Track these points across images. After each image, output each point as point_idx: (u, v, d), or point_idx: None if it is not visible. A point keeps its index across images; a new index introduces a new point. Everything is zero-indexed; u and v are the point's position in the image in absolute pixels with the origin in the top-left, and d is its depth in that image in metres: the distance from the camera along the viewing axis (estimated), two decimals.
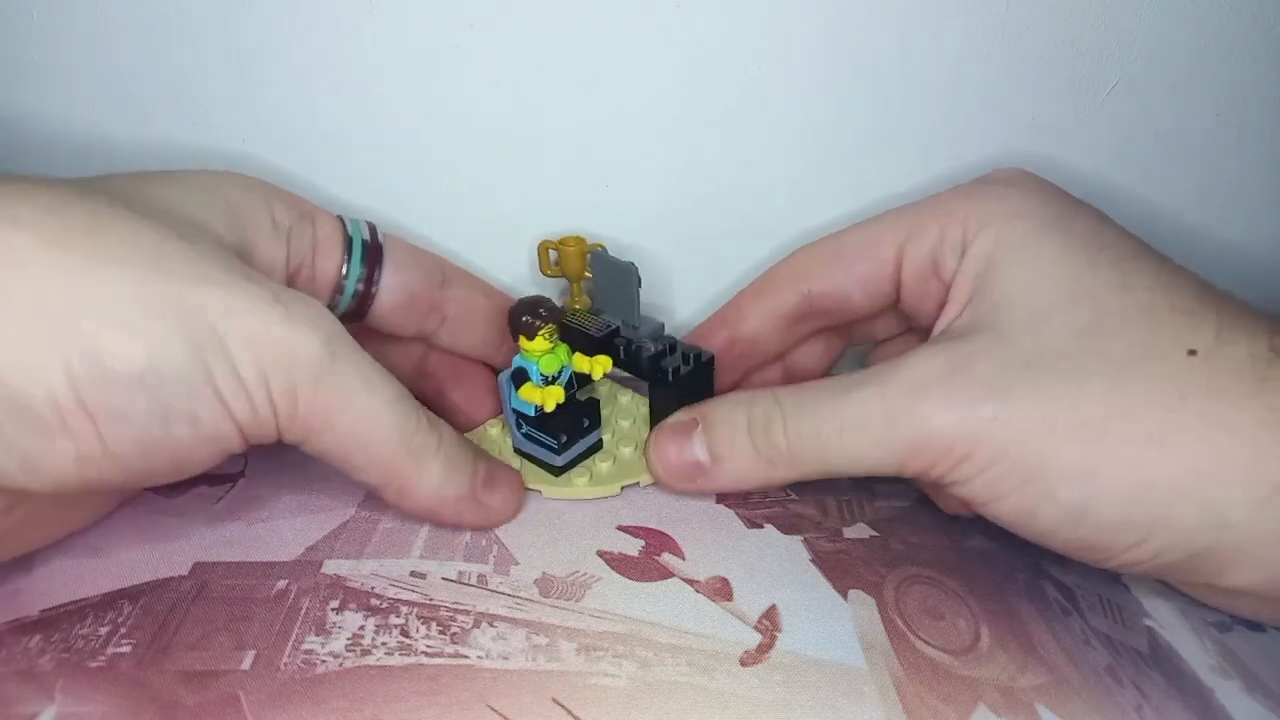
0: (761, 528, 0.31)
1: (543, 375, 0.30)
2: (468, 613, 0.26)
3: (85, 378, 0.21)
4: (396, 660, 0.24)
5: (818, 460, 0.28)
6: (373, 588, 0.27)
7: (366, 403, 0.25)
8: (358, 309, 0.31)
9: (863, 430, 0.27)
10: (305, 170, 0.34)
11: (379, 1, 0.31)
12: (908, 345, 0.34)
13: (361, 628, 0.25)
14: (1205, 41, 0.33)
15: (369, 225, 0.31)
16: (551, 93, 0.33)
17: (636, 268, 0.32)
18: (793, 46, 0.33)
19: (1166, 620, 0.28)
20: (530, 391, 0.30)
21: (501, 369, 0.32)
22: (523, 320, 0.29)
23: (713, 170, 0.35)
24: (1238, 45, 0.33)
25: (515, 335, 0.30)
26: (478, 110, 0.34)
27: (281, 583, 0.26)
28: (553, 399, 0.30)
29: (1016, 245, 0.28)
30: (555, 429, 0.31)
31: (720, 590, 0.28)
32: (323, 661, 0.24)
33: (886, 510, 0.32)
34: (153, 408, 0.22)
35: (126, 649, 0.24)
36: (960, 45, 0.33)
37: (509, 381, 0.31)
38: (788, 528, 0.31)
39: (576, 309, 0.34)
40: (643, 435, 0.34)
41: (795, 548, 0.30)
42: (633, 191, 0.36)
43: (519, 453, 0.33)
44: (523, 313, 0.29)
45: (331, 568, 0.27)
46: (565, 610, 0.26)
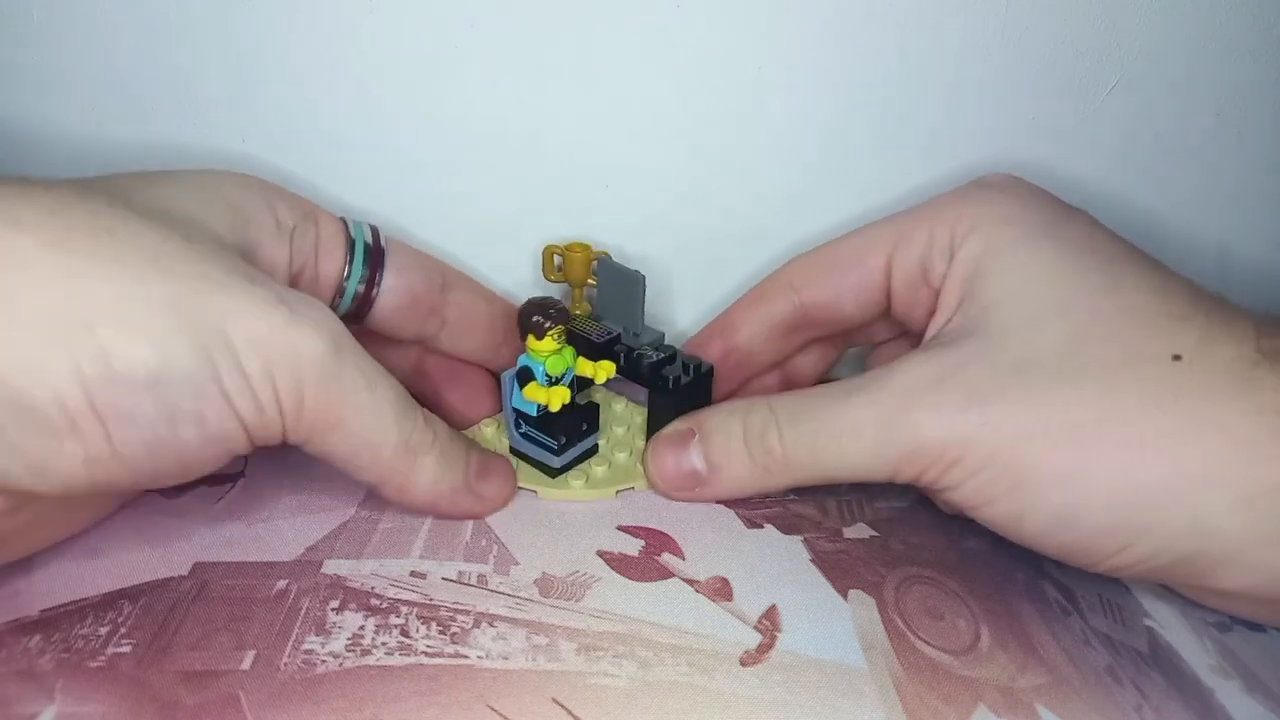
0: (761, 528, 0.31)
1: (548, 376, 0.30)
2: (468, 613, 0.26)
3: (95, 380, 0.21)
4: (396, 660, 0.24)
5: (812, 467, 0.29)
6: (373, 588, 0.27)
7: (369, 402, 0.25)
8: (357, 311, 0.31)
9: (856, 437, 0.27)
10: (305, 170, 0.34)
11: (379, 1, 0.31)
12: (905, 347, 0.34)
13: (361, 628, 0.25)
14: (1205, 41, 0.33)
15: (371, 228, 0.31)
16: (551, 93, 0.33)
17: (644, 277, 0.32)
18: (793, 47, 0.33)
19: (1166, 620, 0.28)
20: (535, 391, 0.30)
21: (498, 373, 0.32)
22: (533, 320, 0.29)
23: (713, 171, 0.35)
24: (1238, 45, 0.33)
25: (524, 334, 0.30)
26: (478, 110, 0.34)
27: (281, 583, 0.26)
28: (559, 399, 0.30)
29: (1005, 250, 0.28)
30: (556, 430, 0.31)
31: (720, 590, 0.28)
32: (323, 661, 0.24)
33: (886, 510, 0.32)
34: (160, 409, 0.22)
35: (126, 649, 0.24)
36: (960, 45, 0.33)
37: (512, 380, 0.31)
38: (788, 528, 0.31)
39: (578, 314, 0.34)
40: (637, 442, 0.34)
41: (795, 548, 0.30)
42: (633, 192, 0.36)
43: (515, 452, 0.33)
44: (533, 312, 0.29)
45: (331, 568, 0.27)
46: (565, 610, 0.26)
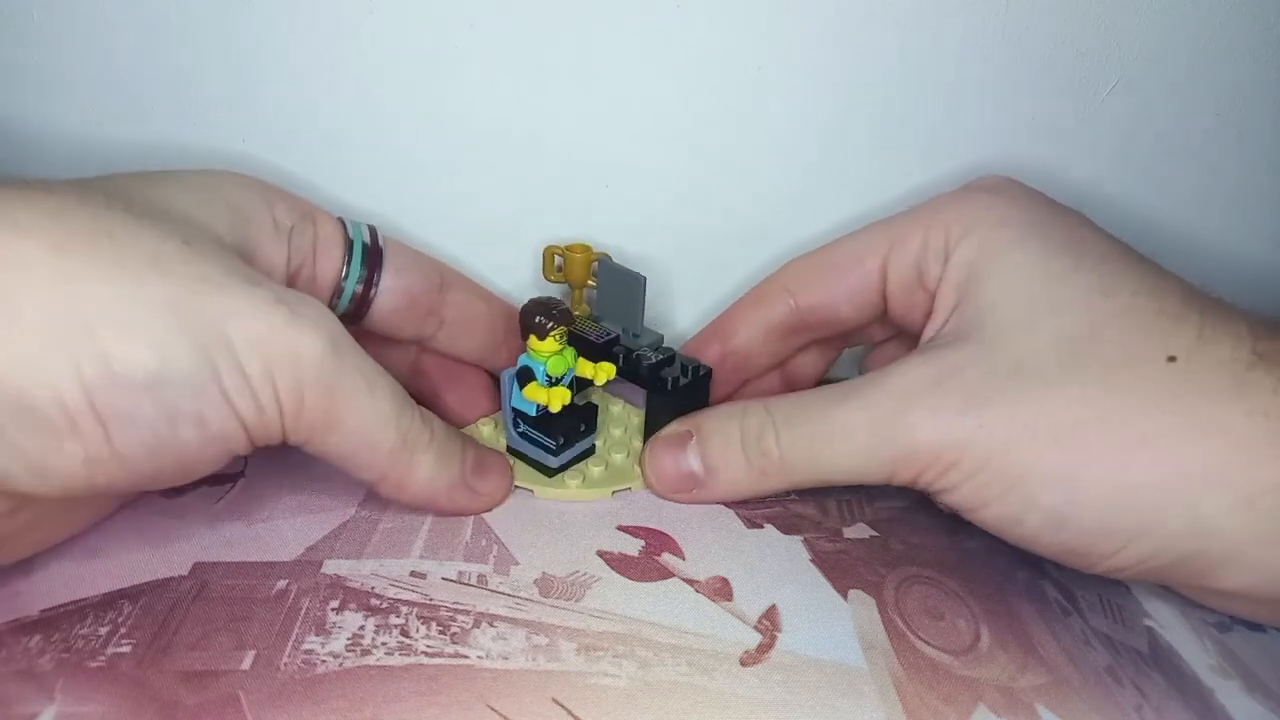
0: (761, 528, 0.31)
1: (549, 376, 0.30)
2: (468, 613, 0.26)
3: (95, 381, 0.21)
4: (396, 660, 0.24)
5: (809, 470, 0.29)
6: (373, 588, 0.27)
7: (368, 401, 0.25)
8: (355, 311, 0.31)
9: (852, 440, 0.27)
10: (305, 170, 0.34)
11: (379, 1, 0.31)
12: (904, 347, 0.34)
13: (361, 628, 0.25)
14: (1205, 41, 0.33)
15: (370, 228, 0.31)
16: (551, 93, 0.33)
17: (645, 278, 0.32)
18: (793, 46, 0.33)
19: (1166, 620, 0.28)
20: (536, 391, 0.30)
21: (496, 373, 0.32)
22: (535, 320, 0.29)
23: (713, 171, 0.35)
24: (1238, 45, 0.33)
25: (525, 334, 0.30)
26: (478, 110, 0.34)
27: (281, 583, 0.26)
28: (559, 400, 0.30)
29: (1000, 252, 0.28)
30: (554, 430, 0.31)
31: (720, 590, 0.28)
32: (323, 661, 0.24)
33: (886, 510, 0.32)
34: (160, 409, 0.22)
35: (126, 649, 0.24)
36: (960, 45, 0.33)
37: (512, 379, 0.31)
38: (788, 528, 0.31)
39: (577, 315, 0.34)
40: (634, 443, 0.34)
41: (795, 548, 0.30)
42: (633, 192, 0.36)
43: (512, 452, 0.33)
44: (536, 312, 0.29)
45: (331, 568, 0.27)
46: (565, 610, 0.26)
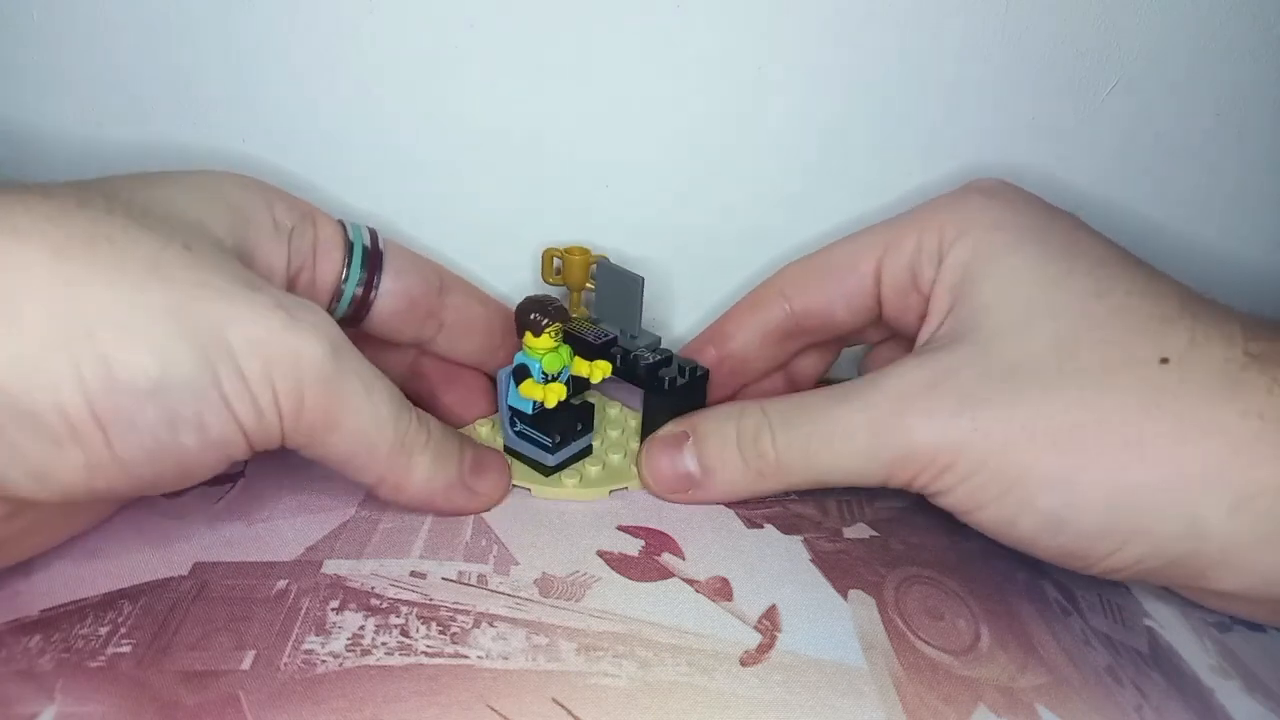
0: (761, 528, 0.31)
1: (544, 373, 0.30)
2: (468, 613, 0.26)
3: (95, 386, 0.21)
4: (396, 660, 0.24)
5: (805, 472, 0.29)
6: (373, 588, 0.27)
7: (366, 405, 0.25)
8: (355, 314, 0.31)
9: (849, 442, 0.28)
10: (305, 171, 0.34)
11: (379, 1, 0.31)
12: (902, 347, 0.34)
13: (361, 628, 0.25)
14: (1205, 41, 0.33)
15: (370, 231, 0.31)
16: (551, 93, 0.33)
17: (643, 279, 0.32)
18: (793, 47, 0.33)
19: (1166, 620, 0.28)
20: (532, 388, 0.30)
21: (493, 374, 0.32)
22: (531, 317, 0.29)
23: (713, 171, 0.35)
24: (1238, 45, 0.33)
25: (521, 331, 0.30)
26: (478, 110, 0.34)
27: (281, 583, 0.26)
28: (554, 395, 0.30)
29: (995, 255, 0.28)
30: (551, 428, 0.31)
31: (720, 590, 0.28)
32: (323, 661, 0.24)
33: (886, 510, 0.32)
34: (161, 414, 0.22)
35: (126, 649, 0.24)
36: (960, 45, 0.33)
37: (509, 377, 0.31)
38: (788, 528, 0.31)
39: (575, 317, 0.34)
40: (631, 444, 0.34)
41: (795, 548, 0.30)
42: (633, 192, 0.36)
43: (509, 451, 0.33)
44: (531, 309, 0.29)
45: (331, 568, 0.27)
46: (565, 610, 0.26)
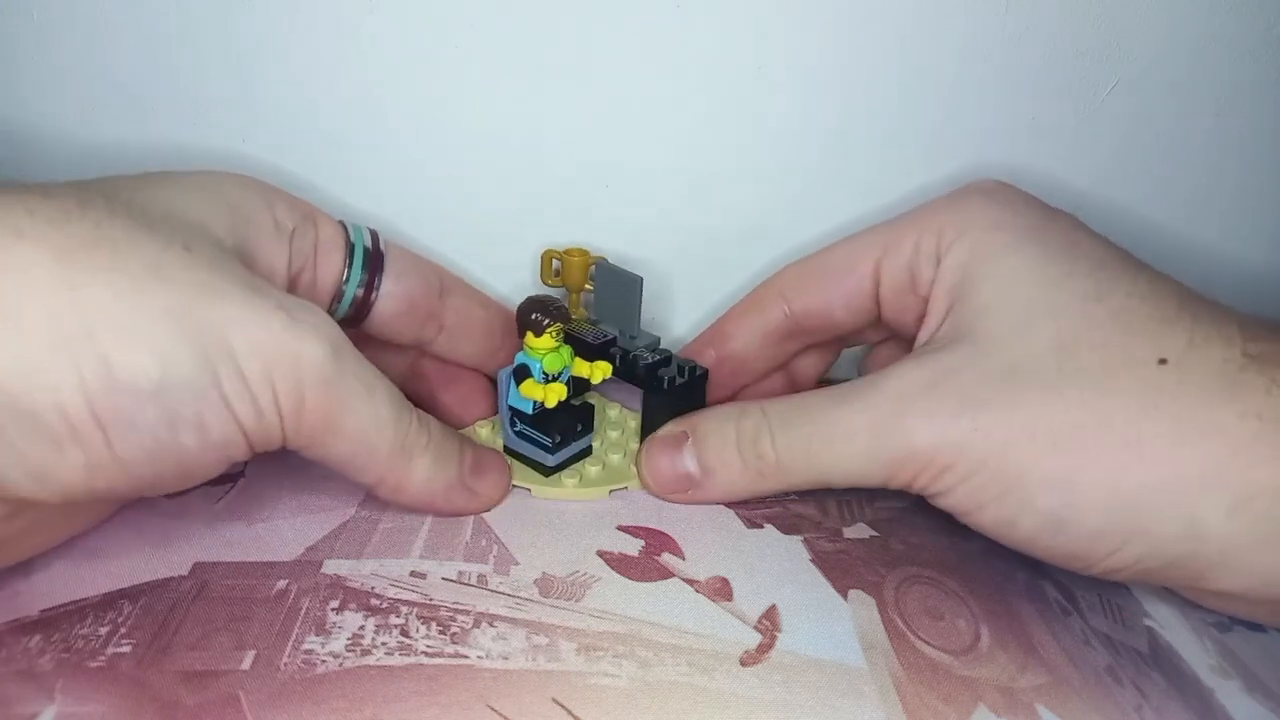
0: (761, 528, 0.31)
1: (545, 373, 0.30)
2: (468, 613, 0.26)
3: (96, 387, 0.21)
4: (396, 660, 0.24)
5: (805, 472, 0.29)
6: (373, 588, 0.27)
7: (366, 406, 0.25)
8: (355, 315, 0.30)
9: (848, 443, 0.28)
10: (305, 171, 0.34)
11: (379, 1, 0.31)
12: (902, 348, 0.34)
13: (361, 628, 0.25)
14: (1205, 41, 0.33)
15: (371, 232, 0.31)
16: (551, 93, 0.33)
17: (642, 279, 0.32)
18: (793, 47, 0.33)
19: (1166, 620, 0.28)
20: (532, 388, 0.30)
21: (493, 375, 0.32)
22: (532, 317, 0.29)
23: (713, 171, 0.35)
24: (1238, 45, 0.33)
25: (522, 331, 0.30)
26: (478, 110, 0.34)
27: (281, 583, 0.26)
28: (555, 395, 0.30)
29: (994, 256, 0.28)
30: (551, 428, 0.31)
31: (720, 590, 0.28)
32: (323, 661, 0.24)
33: (886, 510, 0.32)
34: (161, 415, 0.22)
35: (126, 649, 0.24)
36: (960, 45, 0.33)
37: (509, 378, 0.31)
38: (788, 528, 0.31)
39: (574, 318, 0.34)
40: (631, 445, 0.34)
41: (795, 548, 0.30)
42: (633, 192, 0.36)
43: (509, 452, 0.33)
44: (532, 309, 0.29)
45: (331, 568, 0.27)
46: (565, 610, 0.26)
